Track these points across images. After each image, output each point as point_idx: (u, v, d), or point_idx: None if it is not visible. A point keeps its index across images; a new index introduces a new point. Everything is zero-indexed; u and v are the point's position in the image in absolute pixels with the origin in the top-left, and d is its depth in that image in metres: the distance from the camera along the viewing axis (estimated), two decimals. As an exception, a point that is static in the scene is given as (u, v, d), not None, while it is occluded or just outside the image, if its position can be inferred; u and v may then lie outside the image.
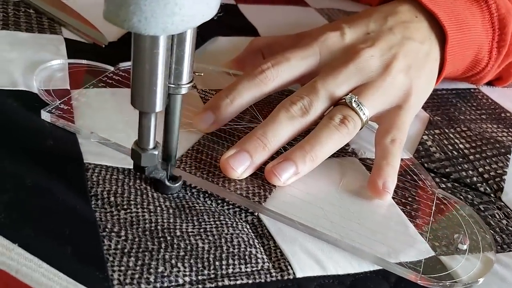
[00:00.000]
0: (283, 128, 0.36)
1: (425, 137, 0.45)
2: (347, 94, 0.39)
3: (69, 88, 0.41)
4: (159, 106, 0.29)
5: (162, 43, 0.27)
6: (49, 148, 0.34)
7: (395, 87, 0.40)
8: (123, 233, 0.29)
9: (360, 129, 0.39)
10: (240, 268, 0.29)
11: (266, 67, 0.39)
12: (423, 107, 0.49)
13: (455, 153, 0.44)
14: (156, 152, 0.31)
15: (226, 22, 0.55)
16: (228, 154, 0.35)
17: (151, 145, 0.31)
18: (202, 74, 0.37)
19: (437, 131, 0.46)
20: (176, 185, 0.33)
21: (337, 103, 0.39)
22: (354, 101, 0.38)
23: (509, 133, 0.48)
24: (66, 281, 0.26)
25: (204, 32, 0.53)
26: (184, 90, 0.31)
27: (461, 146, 0.45)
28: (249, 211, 0.34)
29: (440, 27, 0.44)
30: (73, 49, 0.46)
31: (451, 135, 0.46)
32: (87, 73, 0.43)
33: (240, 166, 0.35)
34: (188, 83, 0.31)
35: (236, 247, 0.31)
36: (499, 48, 0.48)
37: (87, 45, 0.48)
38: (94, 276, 0.27)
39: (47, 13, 0.51)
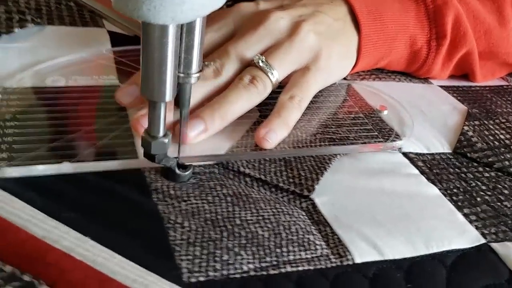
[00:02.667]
0: (195, 90, 0.36)
1: (466, 128, 0.46)
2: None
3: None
4: (169, 95, 0.29)
5: (171, 32, 0.27)
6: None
7: (303, 48, 0.42)
8: (186, 224, 0.31)
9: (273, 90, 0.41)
10: (301, 255, 0.30)
11: (208, 61, 0.40)
12: (459, 100, 0.50)
13: (497, 143, 0.44)
14: (166, 140, 0.31)
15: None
16: (140, 113, 0.35)
17: (161, 133, 0.31)
18: (212, 63, 0.38)
19: (476, 122, 0.47)
20: (186, 173, 0.34)
21: (250, 64, 0.40)
22: (262, 61, 0.40)
23: (547, 123, 0.49)
24: (139, 270, 0.27)
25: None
26: (193, 79, 0.31)
27: (501, 136, 0.45)
28: (303, 197, 0.35)
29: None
30: (118, 41, 0.47)
31: (491, 126, 0.47)
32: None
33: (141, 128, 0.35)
34: (198, 72, 0.31)
35: (294, 234, 0.32)
36: (438, 39, 0.48)
37: (130, 38, 0.49)
38: (164, 265, 0.28)
39: (87, 6, 0.52)
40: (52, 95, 0.39)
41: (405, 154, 0.41)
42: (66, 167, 0.33)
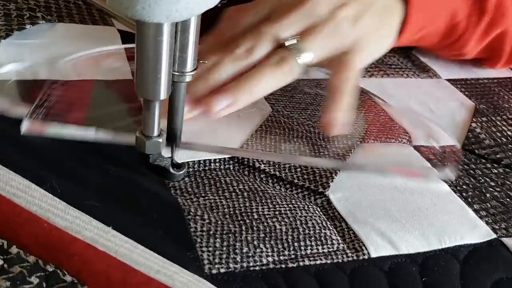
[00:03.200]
0: (226, 69, 0.37)
1: (474, 125, 0.46)
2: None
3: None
4: (163, 94, 0.29)
5: (166, 31, 0.26)
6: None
7: (341, 33, 0.41)
8: (206, 216, 0.31)
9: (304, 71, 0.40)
10: (318, 249, 0.31)
11: (242, 41, 0.39)
12: (467, 96, 0.51)
13: (504, 139, 0.45)
14: (160, 140, 0.31)
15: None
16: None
17: (156, 132, 0.31)
18: (206, 61, 0.37)
19: (484, 119, 0.47)
20: (180, 172, 0.34)
21: (281, 46, 0.39)
22: (293, 44, 0.39)
23: (553, 121, 0.49)
24: (162, 261, 0.28)
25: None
26: (188, 78, 0.31)
27: (509, 133, 0.46)
28: (318, 193, 0.35)
29: None
30: (128, 40, 0.47)
31: (498, 123, 0.47)
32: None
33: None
34: (192, 70, 0.31)
35: (311, 229, 0.32)
36: (479, 15, 0.48)
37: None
38: (185, 256, 0.28)
39: (95, 4, 0.52)
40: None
41: (416, 148, 0.42)
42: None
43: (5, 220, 0.28)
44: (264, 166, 0.36)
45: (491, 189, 0.39)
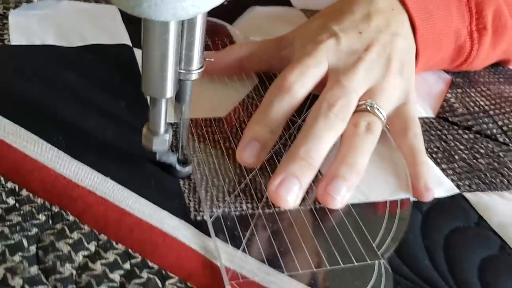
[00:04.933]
0: (325, 142, 0.36)
1: (449, 95, 0.50)
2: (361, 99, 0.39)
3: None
4: (170, 92, 0.29)
5: (173, 29, 0.27)
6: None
7: (397, 87, 0.42)
8: (193, 172, 0.35)
9: None
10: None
11: (293, 80, 0.38)
12: (445, 71, 0.54)
13: (476, 108, 0.48)
14: (167, 137, 0.32)
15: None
16: (275, 183, 0.33)
17: (162, 129, 0.32)
18: (213, 59, 0.37)
19: (459, 90, 0.51)
20: (186, 169, 0.34)
21: (357, 109, 0.39)
22: (374, 105, 0.39)
23: (526, 93, 0.53)
24: (154, 207, 0.32)
25: (243, 2, 0.58)
26: (194, 76, 0.31)
27: (481, 103, 0.49)
28: None
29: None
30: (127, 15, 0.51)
31: (472, 94, 0.51)
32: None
33: (290, 194, 0.33)
34: (199, 68, 0.31)
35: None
36: (479, 31, 0.49)
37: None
38: (174, 204, 0.32)
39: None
40: None
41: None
42: None
43: (16, 168, 0.32)
44: None
45: (459, 151, 0.43)
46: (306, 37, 0.43)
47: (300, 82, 0.38)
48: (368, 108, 0.38)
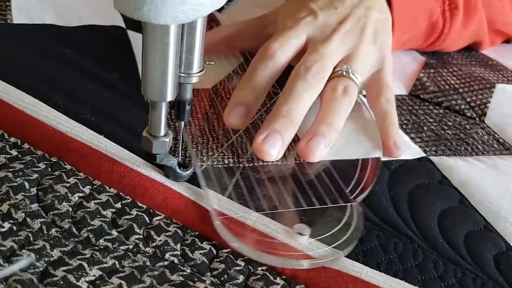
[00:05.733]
0: (304, 101, 0.39)
1: (422, 75, 0.53)
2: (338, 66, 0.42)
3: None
4: (170, 95, 0.29)
5: (173, 32, 0.27)
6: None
7: (371, 54, 0.44)
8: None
9: None
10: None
11: (275, 48, 0.41)
12: (419, 53, 0.58)
13: (447, 86, 0.52)
14: (167, 140, 0.32)
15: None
16: (260, 138, 0.37)
17: (162, 132, 0.32)
18: (213, 63, 0.37)
19: (432, 71, 0.54)
20: (187, 172, 0.34)
21: (333, 74, 0.42)
22: (349, 70, 0.42)
23: (495, 74, 0.56)
24: (143, 160, 0.35)
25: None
26: (194, 79, 0.31)
27: (452, 82, 0.53)
28: None
29: None
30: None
31: (444, 74, 0.54)
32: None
33: (274, 148, 0.37)
34: (199, 72, 0.31)
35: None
36: (451, 10, 0.52)
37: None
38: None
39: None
40: None
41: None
42: None
43: (18, 125, 0.35)
44: None
45: (428, 123, 0.46)
46: (287, 14, 0.46)
47: (282, 50, 0.41)
48: (344, 73, 0.42)
